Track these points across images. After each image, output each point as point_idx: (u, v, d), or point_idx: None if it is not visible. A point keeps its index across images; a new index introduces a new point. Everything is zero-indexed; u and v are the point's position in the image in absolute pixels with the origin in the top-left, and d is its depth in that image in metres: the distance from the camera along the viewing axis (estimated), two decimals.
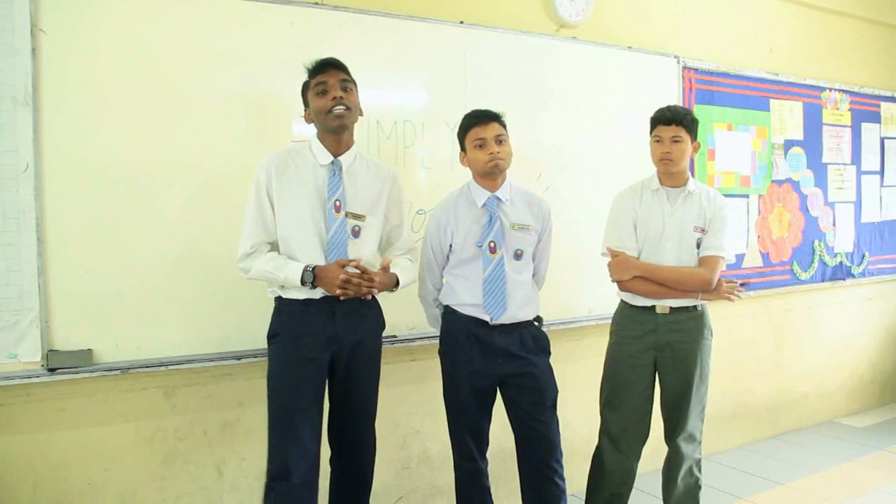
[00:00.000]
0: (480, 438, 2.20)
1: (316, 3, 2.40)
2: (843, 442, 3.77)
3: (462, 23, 2.70)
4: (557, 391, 2.20)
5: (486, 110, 2.15)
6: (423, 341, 2.59)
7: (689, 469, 2.40)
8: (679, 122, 2.29)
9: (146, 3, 2.12)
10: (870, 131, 4.23)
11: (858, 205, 4.17)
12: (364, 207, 2.03)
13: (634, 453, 2.39)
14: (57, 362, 2.01)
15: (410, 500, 2.71)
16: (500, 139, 2.12)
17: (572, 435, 2.96)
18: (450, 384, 2.19)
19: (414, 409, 2.69)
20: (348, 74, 2.00)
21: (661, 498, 2.50)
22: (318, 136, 2.02)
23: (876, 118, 4.25)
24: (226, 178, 2.22)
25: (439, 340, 2.24)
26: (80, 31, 2.03)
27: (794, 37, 3.89)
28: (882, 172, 4.30)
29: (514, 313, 2.12)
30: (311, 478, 1.93)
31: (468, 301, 2.13)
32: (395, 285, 2.06)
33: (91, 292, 2.06)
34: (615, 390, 2.40)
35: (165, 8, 2.14)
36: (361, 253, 2.00)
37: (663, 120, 2.31)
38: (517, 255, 2.15)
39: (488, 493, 2.23)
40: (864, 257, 4.19)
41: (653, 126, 2.36)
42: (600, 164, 3.05)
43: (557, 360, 2.26)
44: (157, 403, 2.23)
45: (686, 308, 2.33)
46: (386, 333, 2.39)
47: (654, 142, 2.35)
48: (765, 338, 3.83)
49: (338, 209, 1.96)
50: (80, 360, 2.04)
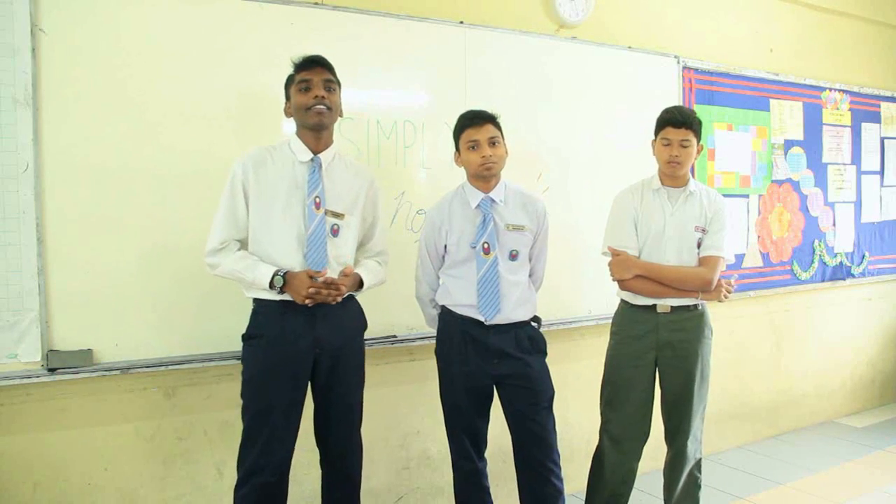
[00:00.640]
0: (477, 438, 2.20)
1: (316, 3, 2.40)
2: (843, 442, 3.77)
3: (462, 23, 2.70)
4: (553, 391, 2.19)
5: (480, 111, 2.14)
6: (422, 341, 2.58)
7: (689, 469, 2.40)
8: (689, 125, 2.27)
9: (146, 3, 2.12)
10: (870, 131, 4.23)
11: (858, 205, 4.17)
12: (343, 206, 2.00)
13: (635, 453, 2.39)
14: (57, 362, 2.01)
15: (410, 500, 2.71)
16: (494, 141, 2.10)
17: (573, 435, 2.96)
18: (445, 384, 2.20)
19: (414, 409, 2.69)
20: (333, 74, 1.98)
21: (661, 498, 2.51)
22: (298, 133, 2.01)
23: (876, 118, 4.25)
24: (226, 178, 2.20)
25: (436, 340, 2.24)
26: (80, 31, 2.03)
27: (794, 37, 3.89)
28: (882, 172, 4.30)
29: (508, 314, 2.12)
30: (280, 477, 1.92)
31: (463, 301, 2.13)
32: (358, 287, 2.04)
33: (91, 292, 2.06)
34: (616, 390, 2.39)
35: (165, 8, 2.15)
36: (340, 252, 1.98)
37: (674, 122, 2.28)
38: (512, 256, 2.15)
39: (487, 493, 2.23)
40: (864, 257, 4.19)
41: (661, 127, 2.33)
42: (600, 164, 3.05)
43: (558, 360, 2.26)
44: (157, 403, 2.23)
45: (687, 307, 2.33)
46: (386, 333, 2.39)
47: (663, 144, 2.32)
48: (765, 338, 3.83)
49: (318, 206, 1.93)
50: (80, 360, 2.04)
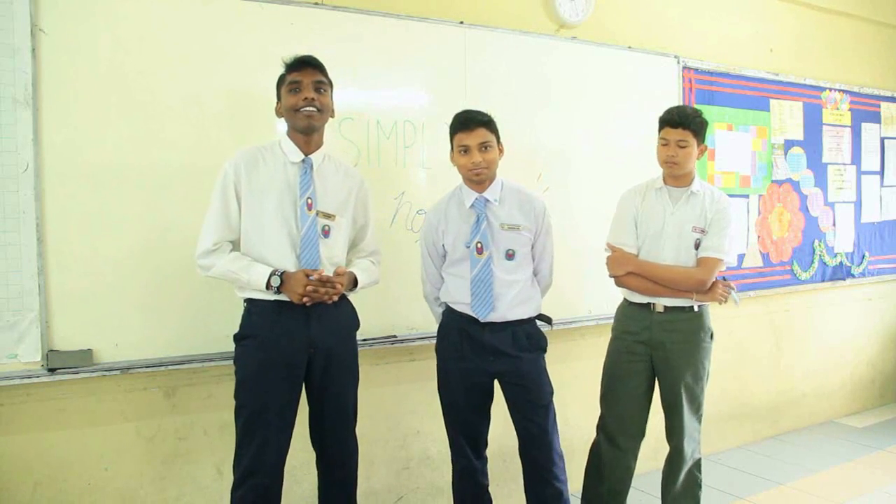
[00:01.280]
0: (474, 436, 2.19)
1: (316, 3, 2.40)
2: (843, 442, 3.77)
3: (462, 23, 2.70)
4: (551, 390, 2.18)
5: (473, 114, 2.11)
6: (422, 341, 2.58)
7: (689, 469, 2.40)
8: (686, 125, 2.25)
9: (146, 3, 2.12)
10: (870, 131, 4.23)
11: (858, 205, 4.17)
12: (334, 207, 2.00)
13: (631, 451, 2.40)
14: (57, 362, 2.01)
15: (410, 500, 2.71)
16: (485, 146, 2.07)
17: (573, 434, 2.96)
18: (442, 380, 2.20)
19: (414, 409, 2.69)
20: (325, 75, 1.98)
21: (661, 498, 2.50)
22: (288, 134, 2.01)
23: (876, 118, 4.25)
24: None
25: (436, 337, 2.24)
26: (80, 31, 2.03)
27: (794, 37, 3.89)
28: (882, 172, 4.29)
29: (504, 312, 2.10)
30: (276, 479, 1.92)
31: (461, 299, 2.13)
32: (353, 286, 2.03)
33: (91, 292, 2.06)
34: (611, 384, 2.41)
35: (165, 8, 2.15)
36: (331, 253, 1.98)
37: (670, 122, 2.28)
38: (508, 256, 2.13)
39: (483, 491, 2.22)
40: (864, 257, 4.19)
41: (661, 127, 2.34)
42: (600, 163, 3.05)
43: (558, 359, 2.26)
44: (157, 403, 2.23)
45: (682, 308, 2.33)
46: (386, 333, 2.39)
47: (661, 144, 2.32)
48: (765, 338, 3.83)
49: (309, 207, 1.93)
50: (80, 360, 2.04)
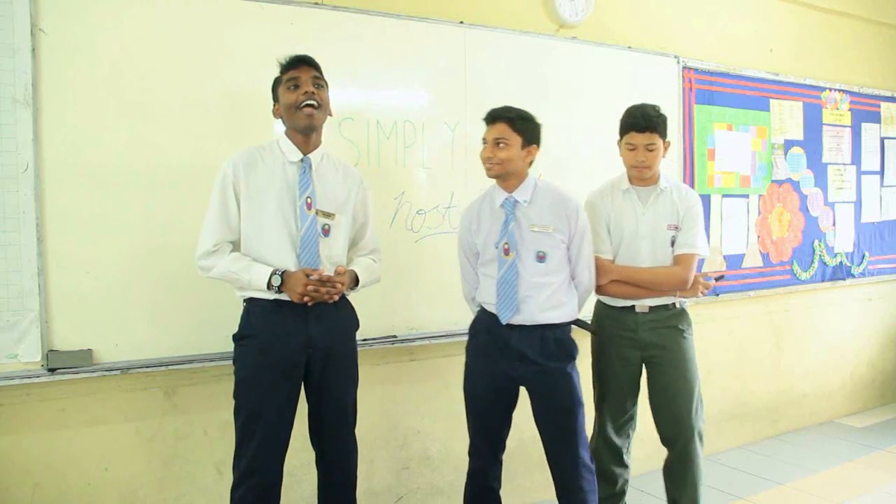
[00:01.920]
0: (489, 437, 2.16)
1: (316, 3, 2.40)
2: (843, 442, 3.77)
3: (462, 23, 2.70)
4: (578, 397, 2.08)
5: (499, 109, 2.08)
6: (422, 341, 2.58)
7: (689, 469, 2.40)
8: (653, 128, 2.23)
9: (146, 4, 2.12)
10: (870, 131, 4.23)
11: (858, 205, 4.17)
12: (333, 206, 2.00)
13: (626, 449, 2.42)
14: (57, 362, 2.01)
15: (410, 500, 2.71)
16: (501, 142, 2.04)
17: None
18: (468, 377, 2.18)
19: (414, 409, 2.69)
20: (321, 73, 1.99)
21: (661, 498, 2.50)
22: (287, 134, 2.01)
23: (876, 118, 4.25)
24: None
25: (467, 334, 2.22)
26: (80, 31, 2.03)
27: (794, 37, 3.89)
28: (882, 172, 4.29)
29: (532, 315, 2.04)
30: (275, 479, 1.92)
31: (490, 300, 2.11)
32: (354, 284, 2.03)
33: (91, 292, 2.06)
34: (606, 388, 2.41)
35: (165, 8, 2.15)
36: (332, 252, 1.98)
37: (637, 127, 2.24)
38: (539, 258, 2.06)
39: (492, 493, 2.19)
40: (864, 257, 4.19)
41: (625, 131, 2.28)
42: (600, 163, 3.02)
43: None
44: (157, 403, 2.23)
45: (665, 306, 2.33)
46: (386, 333, 2.39)
47: (628, 149, 2.28)
48: (765, 338, 3.83)
49: (309, 206, 1.93)
50: (80, 360, 2.04)
